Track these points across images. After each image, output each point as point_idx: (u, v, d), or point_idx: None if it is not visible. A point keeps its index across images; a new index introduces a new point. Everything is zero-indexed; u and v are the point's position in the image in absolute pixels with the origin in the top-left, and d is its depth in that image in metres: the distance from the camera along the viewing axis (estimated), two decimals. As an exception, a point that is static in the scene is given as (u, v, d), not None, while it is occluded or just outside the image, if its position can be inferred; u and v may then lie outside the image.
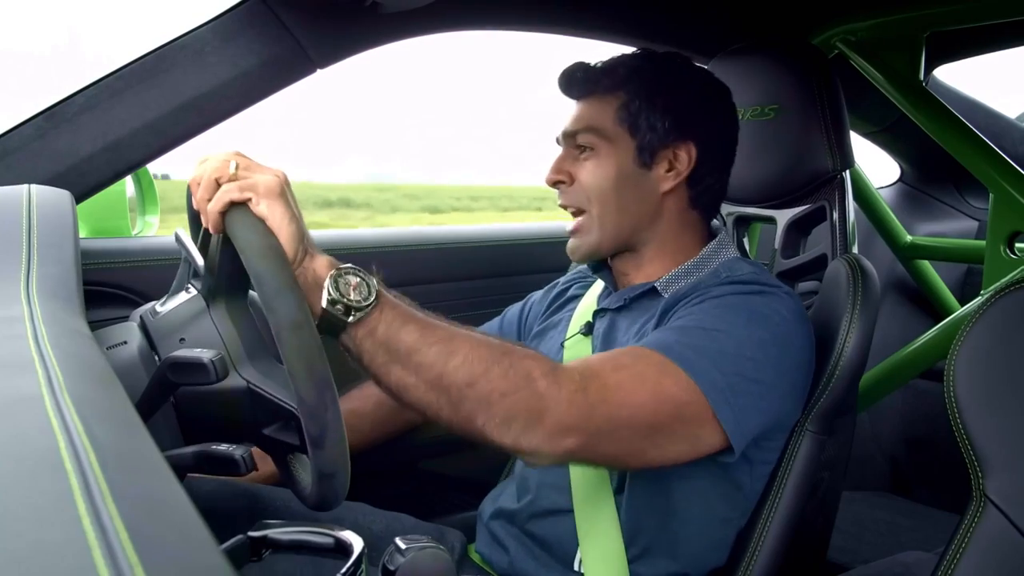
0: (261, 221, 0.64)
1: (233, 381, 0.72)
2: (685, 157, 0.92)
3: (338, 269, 0.67)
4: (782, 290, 0.87)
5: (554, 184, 0.94)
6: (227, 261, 0.72)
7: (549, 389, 0.68)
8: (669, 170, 0.92)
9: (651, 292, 0.93)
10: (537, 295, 1.15)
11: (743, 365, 0.77)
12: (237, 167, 0.65)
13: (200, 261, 0.77)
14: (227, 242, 0.68)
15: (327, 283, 0.66)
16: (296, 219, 0.66)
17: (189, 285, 0.81)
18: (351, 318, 0.66)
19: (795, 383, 0.85)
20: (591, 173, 0.91)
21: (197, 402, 0.75)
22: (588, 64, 0.94)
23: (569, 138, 0.93)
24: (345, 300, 0.66)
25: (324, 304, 0.66)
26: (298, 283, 0.62)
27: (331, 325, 0.67)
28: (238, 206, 0.64)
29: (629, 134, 0.91)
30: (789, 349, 0.82)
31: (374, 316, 0.67)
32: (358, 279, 0.67)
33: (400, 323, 0.68)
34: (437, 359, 0.67)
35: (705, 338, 0.78)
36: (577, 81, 0.94)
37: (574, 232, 0.94)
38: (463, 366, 0.67)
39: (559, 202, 0.95)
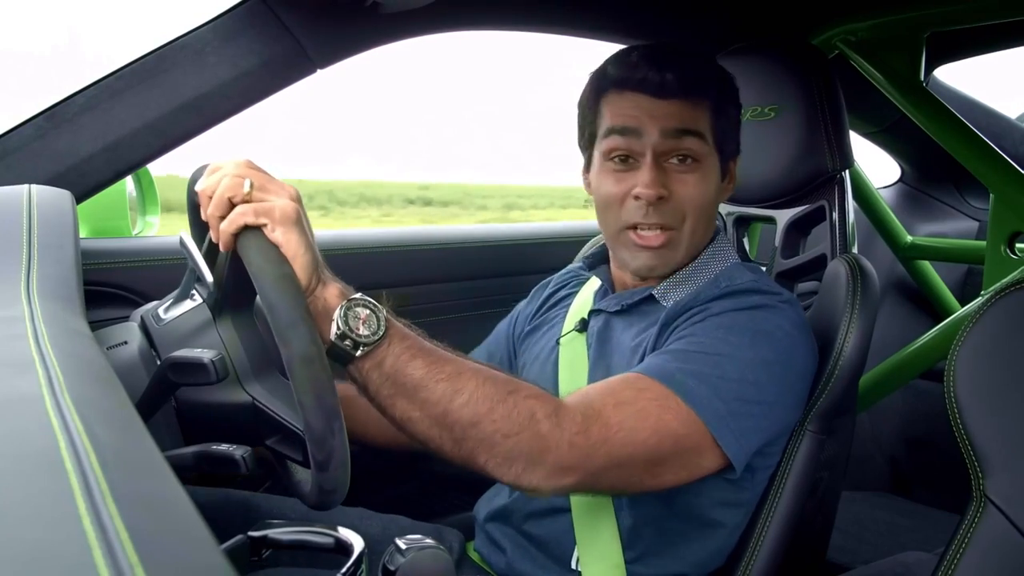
0: (276, 248, 0.64)
1: (238, 396, 0.73)
2: (734, 169, 0.94)
3: (349, 300, 0.67)
4: (782, 299, 0.86)
5: (658, 200, 0.84)
6: (235, 276, 0.71)
7: (552, 431, 0.69)
8: (730, 182, 0.93)
9: (649, 299, 0.92)
10: (521, 305, 1.13)
11: (745, 389, 0.77)
12: (252, 186, 0.64)
13: (205, 270, 0.77)
14: (236, 258, 0.67)
15: (336, 316, 0.66)
16: (311, 247, 0.66)
17: (194, 292, 0.80)
18: (358, 352, 0.67)
19: (798, 394, 0.85)
20: (695, 187, 0.85)
21: (201, 413, 0.75)
22: (676, 56, 0.86)
23: (670, 138, 0.84)
24: (353, 335, 0.66)
25: (332, 338, 0.66)
26: (311, 314, 0.62)
27: (339, 356, 0.67)
28: (252, 229, 0.64)
29: (717, 145, 0.88)
30: (792, 364, 0.82)
31: (381, 350, 0.67)
32: (368, 311, 0.67)
33: (408, 357, 0.68)
34: (443, 396, 0.67)
35: (706, 364, 0.77)
36: (676, 78, 0.84)
37: (657, 249, 0.87)
38: (468, 405, 0.67)
39: (647, 220, 0.85)
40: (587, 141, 0.93)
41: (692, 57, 0.88)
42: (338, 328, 0.66)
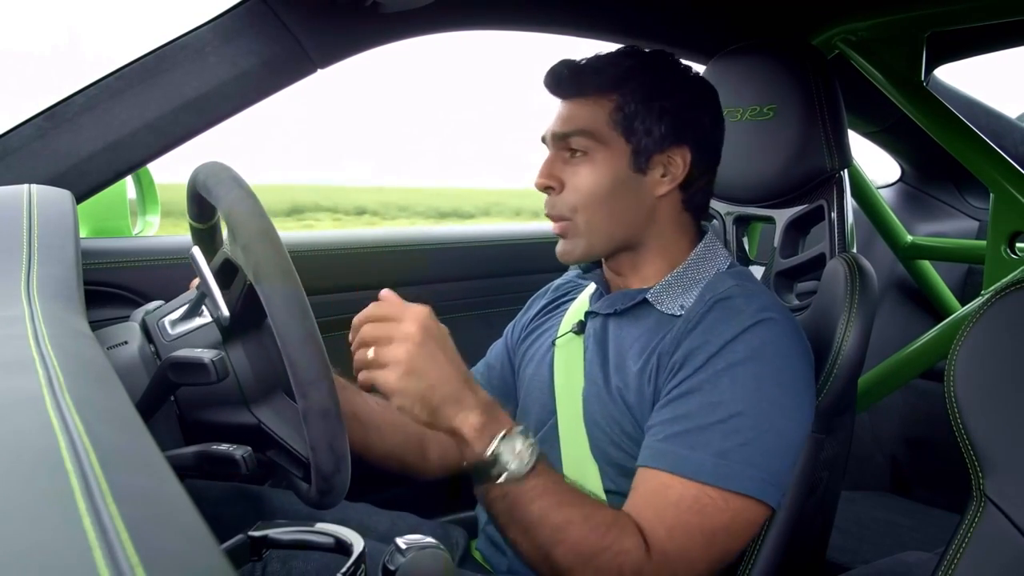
0: (300, 295, 0.64)
1: (245, 419, 0.74)
2: (680, 162, 0.90)
3: (510, 430, 0.74)
4: (768, 308, 0.84)
5: (544, 189, 0.91)
6: (247, 300, 0.71)
7: None
8: (664, 175, 0.90)
9: (643, 303, 0.92)
10: (516, 318, 1.14)
11: (769, 442, 0.79)
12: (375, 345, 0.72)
13: (216, 292, 0.74)
14: (252, 295, 0.67)
15: (496, 443, 0.73)
16: (446, 373, 0.72)
17: (204, 309, 0.78)
18: (499, 480, 0.73)
19: (809, 406, 0.85)
20: (584, 178, 0.88)
21: (207, 432, 0.75)
22: (577, 62, 0.91)
23: (559, 140, 0.90)
24: (503, 465, 0.72)
25: (484, 458, 0.73)
26: (329, 367, 0.64)
27: (478, 474, 0.74)
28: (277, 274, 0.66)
29: (624, 138, 0.88)
30: (797, 384, 0.82)
31: (516, 485, 0.73)
32: (524, 446, 0.73)
33: (532, 496, 0.74)
34: (548, 540, 0.74)
35: (726, 434, 0.78)
36: (566, 80, 0.90)
37: (561, 237, 0.92)
38: (568, 554, 0.74)
39: (546, 210, 0.92)
40: None
41: (598, 58, 0.91)
42: (491, 456, 0.72)
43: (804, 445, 0.87)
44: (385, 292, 0.76)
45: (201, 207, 0.80)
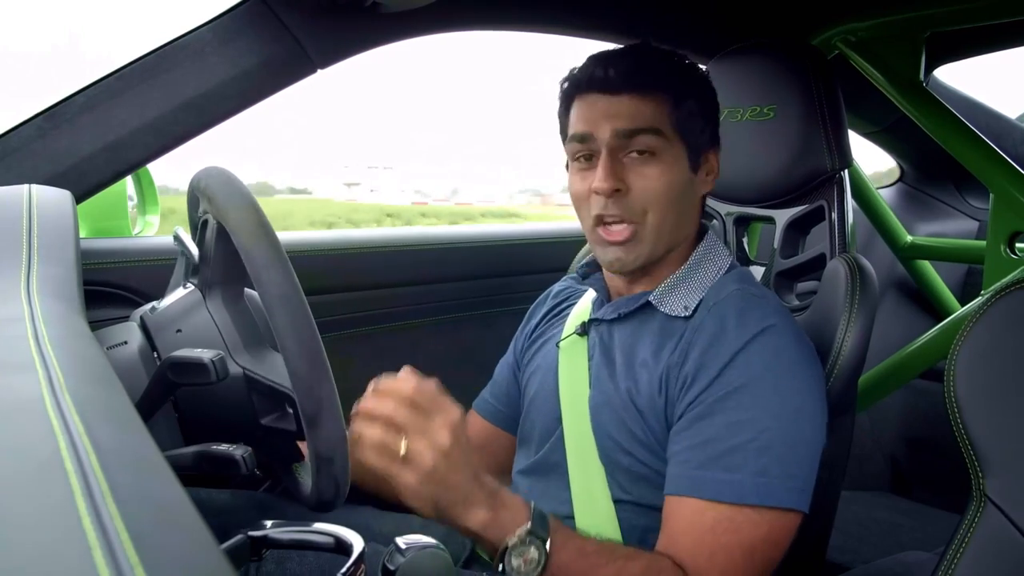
0: (260, 216, 0.65)
1: (230, 369, 0.73)
2: (715, 160, 0.93)
3: (524, 536, 0.71)
4: (769, 315, 0.84)
5: (612, 193, 0.85)
6: (222, 252, 0.73)
7: None
8: (708, 174, 0.92)
9: (646, 306, 0.91)
10: (520, 330, 1.14)
11: (800, 450, 0.79)
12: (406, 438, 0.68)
13: (186, 237, 0.79)
14: (223, 236, 0.68)
15: (502, 557, 0.71)
16: (464, 477, 0.70)
17: (186, 282, 0.81)
18: None
19: (824, 405, 0.85)
20: (655, 180, 0.85)
21: (197, 398, 0.75)
22: (625, 56, 0.88)
23: (622, 139, 0.85)
24: (514, 574, 0.71)
25: (493, 565, 0.71)
26: (288, 259, 0.63)
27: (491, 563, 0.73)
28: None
29: (681, 137, 0.88)
30: (812, 387, 0.82)
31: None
32: (534, 552, 0.71)
33: (558, 572, 0.72)
34: None
35: (763, 451, 0.78)
36: (625, 74, 0.85)
37: (623, 243, 0.87)
38: None
39: (608, 212, 0.86)
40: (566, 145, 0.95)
41: (644, 53, 0.89)
42: (503, 567, 0.71)
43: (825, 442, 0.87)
44: (417, 379, 0.71)
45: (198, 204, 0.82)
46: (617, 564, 0.75)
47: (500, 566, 0.71)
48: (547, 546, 0.72)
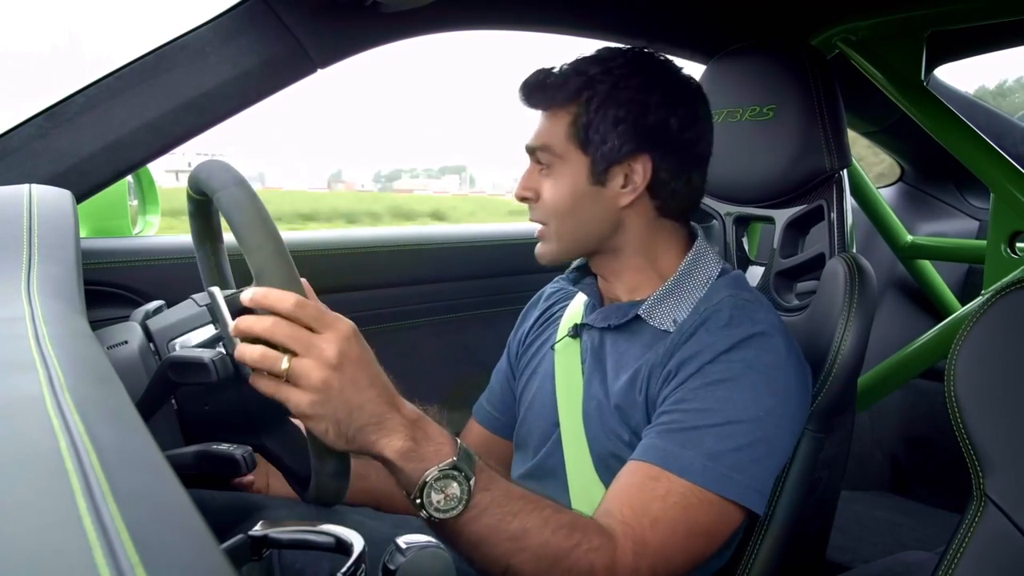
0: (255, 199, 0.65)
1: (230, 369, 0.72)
2: (640, 170, 0.88)
3: (449, 466, 0.66)
4: (760, 322, 0.84)
5: (522, 199, 0.94)
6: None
7: None
8: (624, 185, 0.89)
9: (636, 319, 0.92)
10: (513, 333, 1.14)
11: (759, 449, 0.79)
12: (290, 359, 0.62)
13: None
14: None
15: (420, 490, 0.66)
16: (369, 395, 0.64)
17: (220, 348, 0.75)
18: (433, 519, 0.67)
19: (800, 419, 0.85)
20: (548, 191, 0.91)
21: (197, 398, 0.75)
22: (547, 72, 0.91)
23: (530, 153, 0.93)
24: (431, 511, 0.66)
25: (411, 501, 0.67)
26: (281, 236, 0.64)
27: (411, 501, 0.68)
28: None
29: (581, 151, 0.88)
30: (790, 394, 0.83)
31: (452, 519, 0.68)
32: (457, 487, 0.67)
33: (475, 514, 0.68)
34: (505, 551, 0.69)
35: (719, 438, 0.79)
36: (533, 93, 0.92)
37: (540, 241, 0.95)
38: (529, 561, 0.70)
39: (531, 215, 0.95)
40: None
41: (550, 73, 0.91)
42: (420, 501, 0.66)
43: (790, 454, 0.87)
44: (306, 290, 0.67)
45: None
46: (544, 513, 0.71)
47: (418, 500, 0.66)
48: (471, 483, 0.67)
